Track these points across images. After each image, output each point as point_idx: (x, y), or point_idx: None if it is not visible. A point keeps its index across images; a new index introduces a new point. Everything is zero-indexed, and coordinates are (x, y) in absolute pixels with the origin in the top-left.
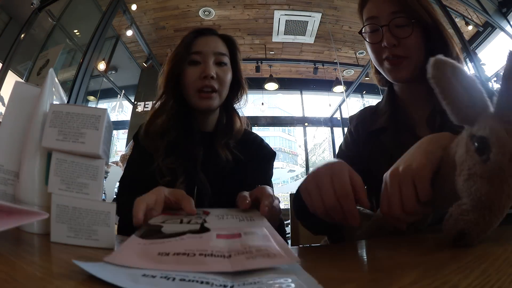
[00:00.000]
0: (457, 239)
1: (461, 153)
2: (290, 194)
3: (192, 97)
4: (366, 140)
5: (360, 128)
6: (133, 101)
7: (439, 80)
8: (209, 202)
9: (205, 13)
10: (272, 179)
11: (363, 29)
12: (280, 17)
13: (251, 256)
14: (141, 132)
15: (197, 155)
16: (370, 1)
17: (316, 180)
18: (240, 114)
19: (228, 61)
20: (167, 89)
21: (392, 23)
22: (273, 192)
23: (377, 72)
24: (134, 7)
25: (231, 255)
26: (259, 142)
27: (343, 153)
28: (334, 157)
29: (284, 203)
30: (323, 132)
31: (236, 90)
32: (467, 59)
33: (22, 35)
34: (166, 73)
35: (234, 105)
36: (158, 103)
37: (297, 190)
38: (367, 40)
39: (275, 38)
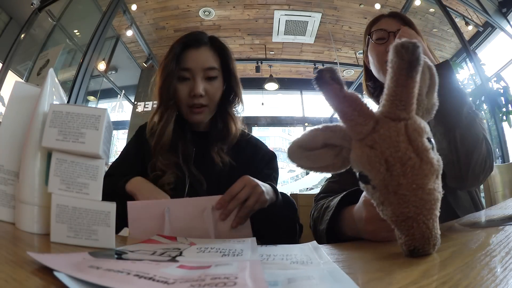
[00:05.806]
0: (413, 255)
1: None
2: (290, 194)
3: (184, 111)
4: None
5: None
6: (133, 101)
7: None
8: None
9: (205, 13)
10: (277, 181)
11: (372, 36)
12: (280, 17)
13: (200, 284)
14: (146, 132)
15: (189, 151)
16: (382, 20)
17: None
18: (236, 114)
19: (219, 73)
20: (163, 101)
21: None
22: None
23: (368, 79)
24: (134, 7)
25: (175, 282)
26: (254, 144)
27: None
28: None
29: None
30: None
31: (233, 99)
32: (467, 59)
33: (22, 35)
34: (159, 86)
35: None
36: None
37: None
38: (373, 39)
39: (275, 38)
